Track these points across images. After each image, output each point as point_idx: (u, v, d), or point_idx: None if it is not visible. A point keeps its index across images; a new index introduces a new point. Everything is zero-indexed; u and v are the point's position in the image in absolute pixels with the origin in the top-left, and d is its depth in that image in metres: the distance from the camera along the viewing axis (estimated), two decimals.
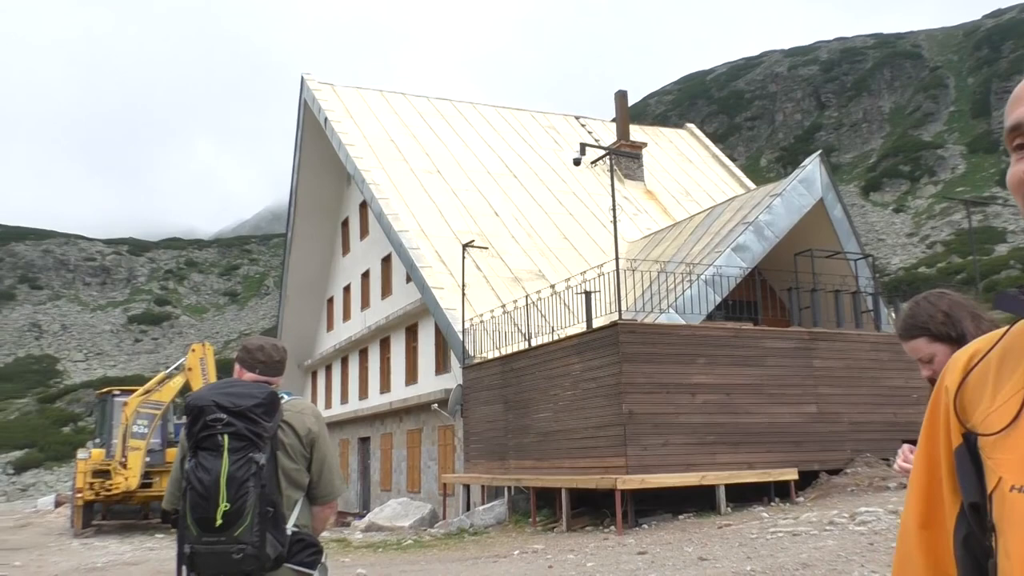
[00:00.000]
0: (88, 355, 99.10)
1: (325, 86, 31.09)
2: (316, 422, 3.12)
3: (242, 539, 2.75)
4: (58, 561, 15.29)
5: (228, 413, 2.84)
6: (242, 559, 2.76)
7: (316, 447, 3.08)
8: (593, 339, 14.41)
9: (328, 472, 3.10)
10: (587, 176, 28.62)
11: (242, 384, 3.04)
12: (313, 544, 3.03)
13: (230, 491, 2.76)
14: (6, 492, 60.05)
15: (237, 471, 2.78)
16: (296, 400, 3.17)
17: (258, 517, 2.77)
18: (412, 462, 23.54)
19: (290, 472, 3.00)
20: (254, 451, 2.82)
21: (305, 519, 3.05)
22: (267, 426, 2.88)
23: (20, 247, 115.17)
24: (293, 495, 3.01)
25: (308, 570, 2.99)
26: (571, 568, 10.08)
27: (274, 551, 2.82)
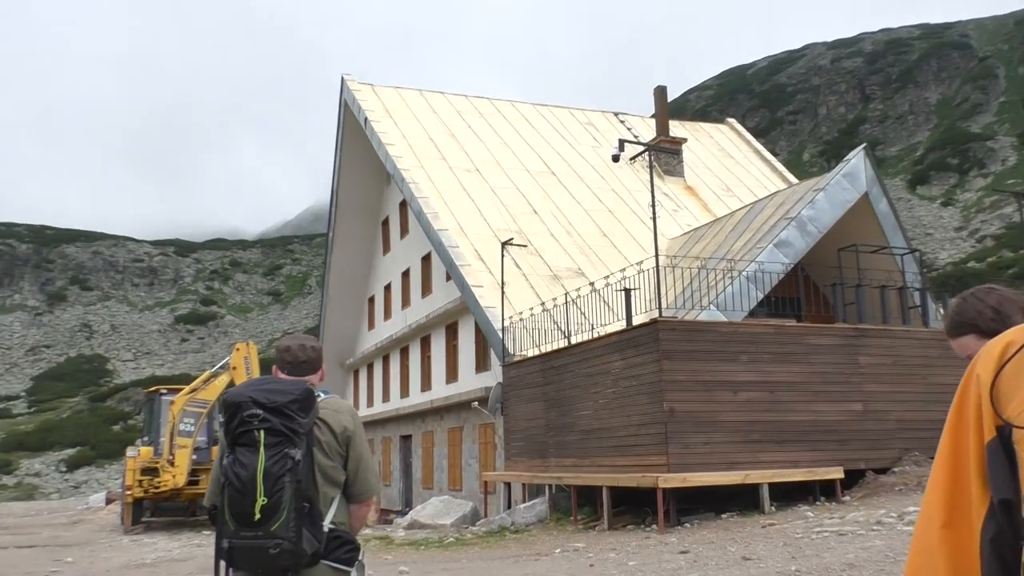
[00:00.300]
0: (137, 354, 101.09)
1: (365, 86, 31.32)
2: (352, 420, 3.12)
3: (278, 534, 2.76)
4: (109, 557, 15.61)
5: (264, 409, 2.86)
6: (278, 554, 2.78)
7: (352, 445, 3.08)
8: (633, 336, 14.32)
9: (364, 470, 3.11)
10: (626, 173, 28.46)
11: (278, 381, 3.07)
12: (350, 541, 3.03)
13: (266, 486, 2.78)
14: (59, 489, 61.48)
15: (273, 466, 2.79)
16: (332, 398, 3.17)
17: (294, 512, 2.78)
18: (453, 460, 23.62)
19: (326, 469, 3.01)
20: (290, 447, 2.83)
21: (342, 517, 3.05)
22: (302, 422, 2.89)
23: (71, 249, 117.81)
24: (330, 492, 3.02)
25: (345, 567, 2.99)
26: (613, 567, 10.03)
27: (311, 547, 2.83)
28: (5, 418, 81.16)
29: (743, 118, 66.92)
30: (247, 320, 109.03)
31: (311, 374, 3.27)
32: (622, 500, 14.45)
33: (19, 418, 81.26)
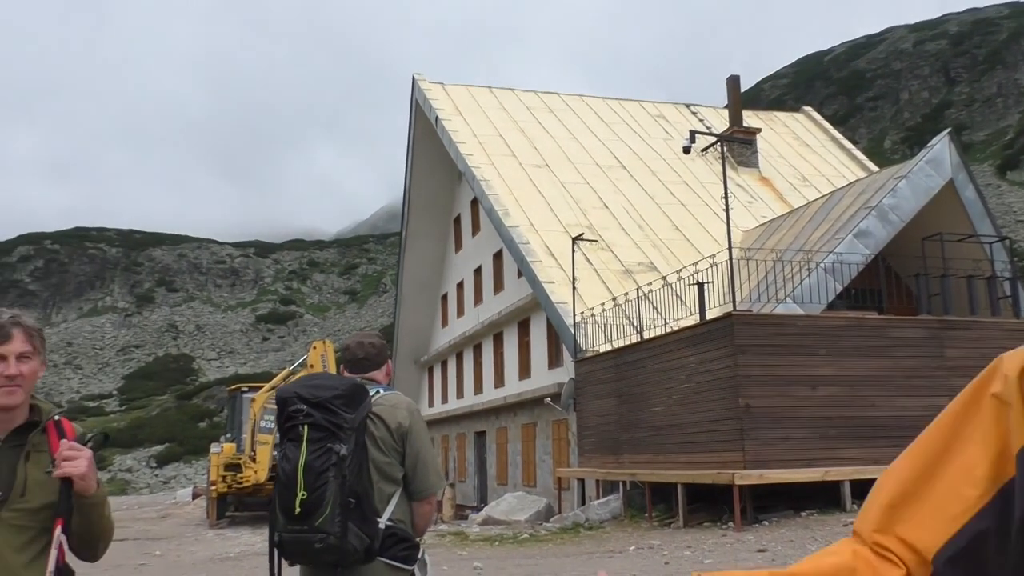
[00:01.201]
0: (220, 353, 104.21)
1: (435, 86, 31.56)
2: (408, 416, 3.09)
3: (323, 528, 2.77)
4: (194, 551, 16.11)
5: (308, 404, 2.88)
6: (323, 549, 2.79)
7: (409, 441, 3.06)
8: (707, 331, 14.08)
9: (423, 467, 3.08)
10: (699, 165, 28.03)
11: (326, 377, 3.09)
12: (406, 539, 3.00)
13: (307, 480, 2.79)
14: (149, 484, 63.80)
15: (315, 461, 2.81)
16: (391, 394, 3.16)
17: (339, 508, 2.78)
18: (527, 456, 23.64)
19: (381, 465, 3.00)
20: (334, 442, 2.84)
21: (401, 514, 3.03)
22: (347, 417, 2.89)
23: (157, 252, 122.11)
24: (386, 489, 3.00)
25: (402, 565, 2.97)
26: (688, 565, 9.87)
27: (360, 543, 2.82)
28: (98, 416, 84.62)
29: (820, 106, 65.19)
30: (325, 319, 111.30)
31: (372, 371, 3.28)
32: (698, 497, 14.23)
33: (111, 415, 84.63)
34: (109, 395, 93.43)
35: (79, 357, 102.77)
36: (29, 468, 2.41)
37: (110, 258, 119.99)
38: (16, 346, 2.40)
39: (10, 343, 2.40)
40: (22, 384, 2.40)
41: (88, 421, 79.85)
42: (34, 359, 2.44)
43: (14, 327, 2.42)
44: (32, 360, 2.43)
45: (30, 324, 2.47)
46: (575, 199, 25.25)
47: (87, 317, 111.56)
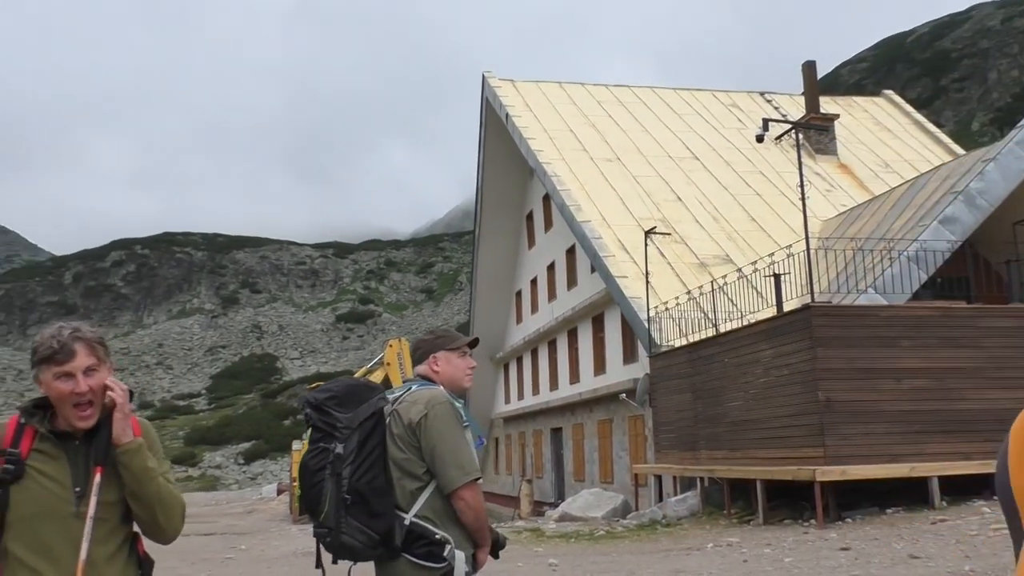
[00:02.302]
0: (303, 353, 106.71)
1: (505, 82, 31.63)
2: (423, 411, 3.05)
3: (325, 524, 2.91)
4: (278, 545, 16.51)
5: (310, 407, 3.04)
6: (328, 544, 2.94)
7: (423, 436, 3.03)
8: (784, 323, 13.75)
9: (440, 462, 3.01)
10: (774, 154, 27.38)
11: (338, 380, 3.21)
12: (425, 536, 2.98)
13: (303, 479, 2.98)
14: (238, 480, 65.72)
15: (310, 460, 2.96)
16: (420, 390, 3.16)
17: (335, 504, 2.89)
18: (603, 452, 23.52)
19: (400, 462, 3.04)
20: (329, 441, 2.96)
21: (430, 511, 3.01)
22: (341, 417, 2.98)
23: (241, 255, 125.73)
24: (408, 485, 3.02)
25: (425, 563, 2.97)
26: (768, 563, 9.67)
27: (367, 539, 2.89)
28: (188, 414, 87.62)
29: (902, 89, 62.99)
30: (402, 318, 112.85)
31: (420, 364, 3.35)
32: (777, 493, 13.92)
33: (200, 414, 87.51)
34: (198, 394, 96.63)
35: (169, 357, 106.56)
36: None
37: (196, 261, 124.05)
38: (81, 361, 2.44)
39: (75, 360, 2.44)
40: (93, 399, 2.45)
41: (179, 419, 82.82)
42: (100, 370, 2.49)
43: (76, 342, 2.45)
44: (99, 371, 2.48)
45: (91, 336, 2.51)
46: (647, 192, 24.99)
47: (176, 319, 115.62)
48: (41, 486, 2.41)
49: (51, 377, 2.43)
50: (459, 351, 3.36)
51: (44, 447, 2.45)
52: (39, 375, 2.47)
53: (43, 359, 2.45)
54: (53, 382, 2.43)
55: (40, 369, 2.47)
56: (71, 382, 2.43)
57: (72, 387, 2.43)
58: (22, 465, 2.41)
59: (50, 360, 2.43)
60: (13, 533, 2.40)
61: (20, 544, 2.40)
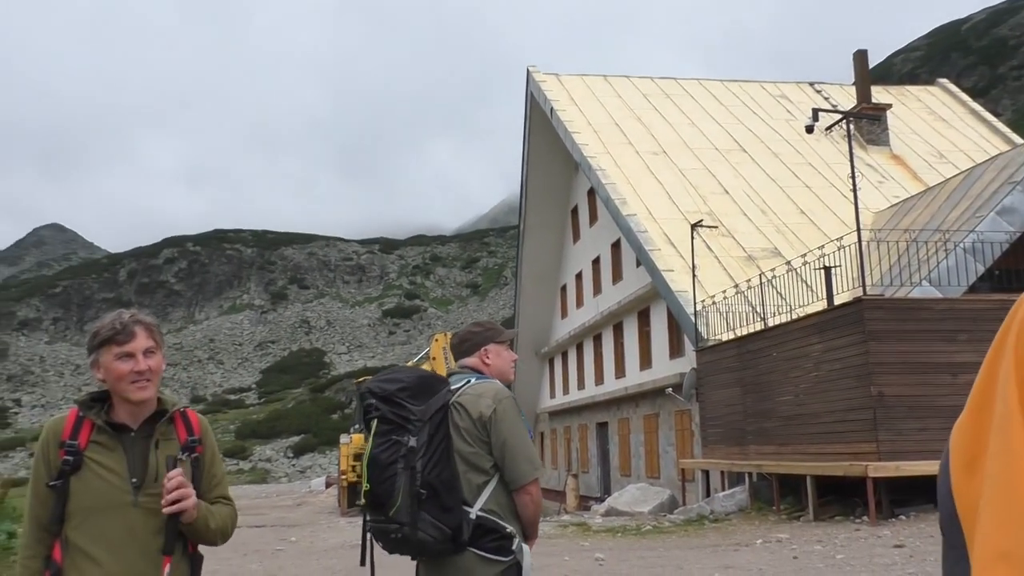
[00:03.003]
0: (350, 347, 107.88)
1: (550, 77, 31.55)
2: (492, 405, 3.02)
3: (396, 519, 2.82)
4: (327, 538, 16.71)
5: (376, 398, 2.94)
6: (399, 539, 2.84)
7: (493, 430, 3.00)
8: (835, 317, 13.51)
9: (511, 456, 3.00)
10: (824, 146, 26.92)
11: (399, 370, 3.13)
12: (495, 530, 2.95)
13: (371, 472, 2.87)
14: (287, 473, 66.68)
15: (381, 453, 2.86)
16: (480, 383, 3.12)
17: (409, 498, 2.80)
18: (650, 447, 23.37)
19: (467, 456, 2.98)
20: (401, 434, 2.88)
21: (495, 504, 2.98)
22: (414, 409, 2.91)
23: (289, 251, 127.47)
24: (474, 479, 2.97)
25: (493, 556, 2.93)
26: (818, 560, 9.52)
27: (439, 533, 2.82)
28: (239, 408, 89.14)
29: (957, 78, 61.45)
30: (448, 312, 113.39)
31: (464, 358, 3.29)
32: (828, 490, 13.70)
33: (251, 408, 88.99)
34: (248, 388, 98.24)
35: (221, 352, 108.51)
36: (160, 455, 2.55)
37: (246, 258, 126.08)
38: (141, 343, 2.53)
39: (135, 341, 2.53)
40: (151, 378, 2.53)
41: (230, 413, 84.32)
42: (157, 353, 2.58)
43: (136, 325, 2.55)
44: (156, 354, 2.57)
45: (149, 321, 2.61)
46: (694, 185, 24.73)
47: (227, 315, 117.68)
48: (99, 477, 2.47)
49: (112, 358, 2.50)
50: (506, 344, 3.35)
51: (101, 439, 2.51)
52: (99, 358, 2.54)
53: (104, 340, 2.52)
54: (114, 362, 2.50)
55: (100, 352, 2.53)
56: (131, 361, 2.50)
57: (132, 366, 2.50)
58: (81, 456, 2.48)
59: (111, 341, 2.51)
60: (74, 523, 2.47)
61: (80, 533, 2.46)
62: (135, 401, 2.53)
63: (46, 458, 2.50)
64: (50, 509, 2.47)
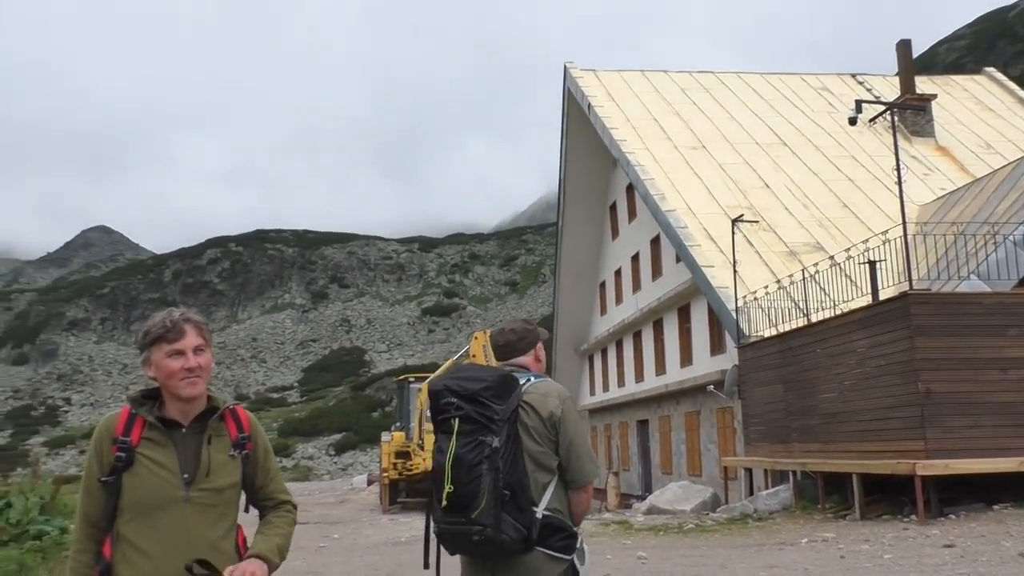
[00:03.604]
0: (390, 346, 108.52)
1: (587, 73, 31.44)
2: (560, 404, 3.03)
3: (479, 521, 2.75)
4: (369, 535, 16.85)
5: (458, 397, 2.86)
6: (480, 541, 2.77)
7: (561, 430, 2.99)
8: (880, 312, 13.28)
9: (576, 455, 3.01)
10: (867, 138, 26.49)
11: (475, 368, 3.05)
12: (563, 528, 2.95)
13: (456, 473, 2.77)
14: (329, 471, 67.30)
15: (466, 454, 2.78)
16: (542, 382, 3.10)
17: (494, 500, 2.75)
18: (691, 445, 23.20)
19: (536, 455, 2.94)
20: (485, 434, 2.80)
21: (558, 503, 2.98)
22: (498, 409, 2.85)
23: (329, 250, 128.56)
24: (541, 478, 2.95)
25: (560, 555, 2.92)
26: (866, 559, 9.37)
27: (517, 534, 2.79)
28: (281, 406, 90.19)
29: (1005, 67, 60.01)
30: (487, 310, 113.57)
31: (516, 357, 3.23)
32: (874, 488, 13.47)
33: (293, 406, 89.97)
34: (291, 387, 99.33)
35: (263, 351, 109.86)
36: (212, 451, 2.59)
37: (287, 258, 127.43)
38: (191, 340, 2.58)
39: (185, 338, 2.58)
40: (201, 375, 2.58)
41: (273, 411, 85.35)
42: (207, 351, 2.62)
43: (185, 323, 2.60)
44: (205, 352, 2.62)
45: (198, 319, 2.66)
46: (734, 180, 24.49)
47: (269, 314, 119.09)
48: (152, 472, 2.51)
49: (163, 356, 2.55)
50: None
51: (153, 435, 2.56)
52: (150, 356, 2.58)
53: (156, 338, 2.57)
54: (164, 360, 2.55)
55: (151, 350, 2.58)
56: (182, 359, 2.55)
57: (183, 363, 2.54)
58: (133, 453, 2.52)
59: (162, 339, 2.56)
60: (125, 518, 2.51)
61: (132, 528, 2.50)
62: (186, 398, 2.57)
63: (99, 454, 2.55)
64: (102, 505, 2.52)
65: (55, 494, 8.94)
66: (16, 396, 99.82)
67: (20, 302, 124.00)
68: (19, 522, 8.04)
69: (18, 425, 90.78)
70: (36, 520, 8.17)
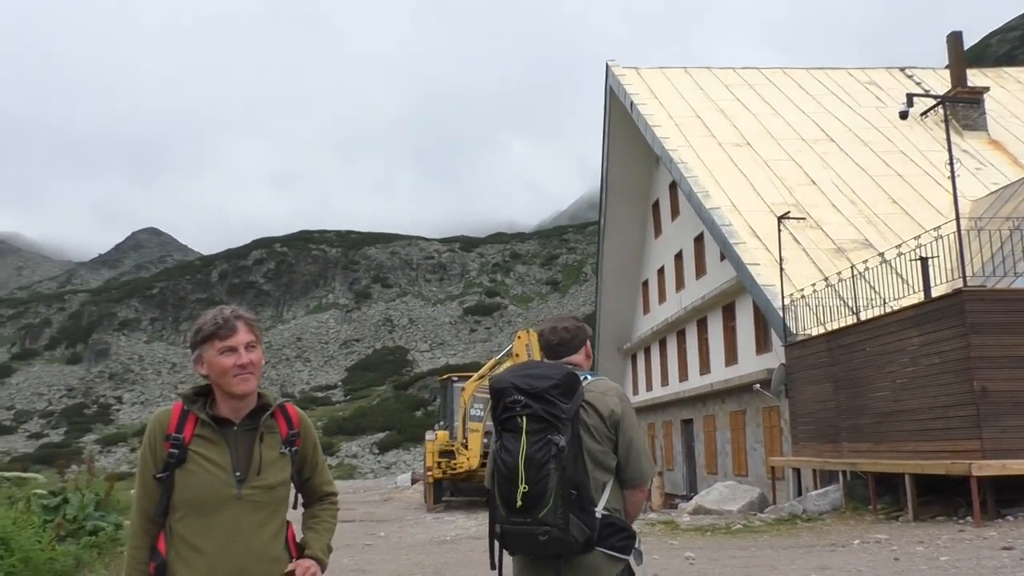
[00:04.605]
0: (432, 345, 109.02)
1: (629, 71, 31.27)
2: (619, 403, 2.98)
3: (546, 521, 2.71)
4: (415, 533, 16.90)
5: (525, 395, 2.80)
6: (548, 541, 2.72)
7: (621, 428, 2.95)
8: (933, 309, 12.99)
9: (635, 454, 2.97)
10: (917, 132, 25.95)
11: (541, 366, 2.99)
12: (624, 528, 2.91)
13: (529, 473, 2.72)
14: (373, 469, 67.84)
15: (536, 453, 2.73)
16: (599, 381, 3.06)
17: (561, 499, 2.71)
18: (737, 444, 22.94)
19: (595, 454, 2.90)
20: (553, 433, 2.75)
21: (615, 503, 2.95)
22: (564, 407, 2.80)
23: (372, 251, 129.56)
24: (601, 478, 2.91)
25: (620, 555, 2.88)
26: (921, 561, 9.17)
27: (581, 534, 2.75)
28: (326, 405, 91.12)
29: None
30: (528, 309, 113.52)
31: (570, 355, 3.17)
32: (928, 489, 13.19)
33: (337, 405, 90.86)
34: (334, 386, 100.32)
35: (308, 351, 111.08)
36: (264, 449, 2.59)
37: (331, 258, 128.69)
38: (242, 337, 2.59)
39: (237, 335, 2.58)
40: (253, 371, 2.59)
41: (317, 410, 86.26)
42: (258, 348, 2.63)
43: (237, 320, 2.61)
44: (257, 349, 2.62)
45: (249, 316, 2.67)
46: (779, 177, 24.16)
47: (313, 314, 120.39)
48: (204, 470, 2.52)
49: (215, 352, 2.56)
50: None
51: (205, 432, 2.56)
52: (202, 353, 2.59)
53: (208, 336, 2.58)
54: (217, 357, 2.56)
55: (204, 347, 2.59)
56: (234, 355, 2.56)
57: (235, 360, 2.55)
58: (185, 450, 2.53)
59: (214, 336, 2.57)
60: (178, 515, 2.52)
61: (185, 525, 2.51)
62: (239, 394, 2.58)
63: (153, 451, 2.56)
64: (156, 501, 2.53)
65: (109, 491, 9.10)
66: (70, 394, 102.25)
67: (73, 303, 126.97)
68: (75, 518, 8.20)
69: (72, 423, 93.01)
70: (92, 516, 8.32)
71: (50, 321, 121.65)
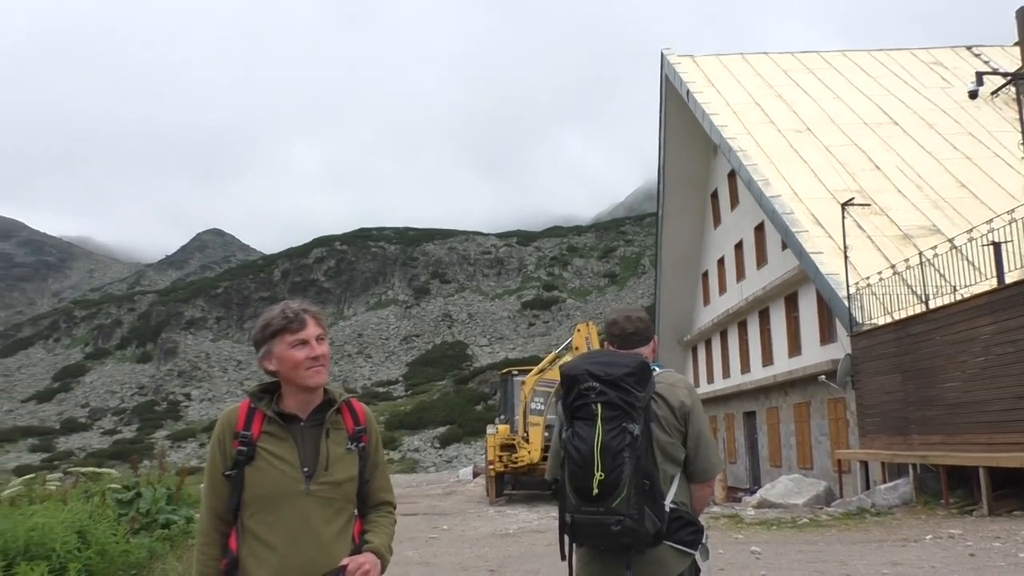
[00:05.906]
0: (491, 340, 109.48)
1: (685, 59, 30.90)
2: (689, 395, 2.95)
3: (619, 511, 2.65)
4: (477, 527, 16.99)
5: (600, 382, 2.75)
6: (620, 531, 2.67)
7: (691, 421, 2.91)
8: (1007, 296, 12.56)
9: (705, 447, 2.93)
10: (985, 113, 25.12)
11: (614, 354, 2.95)
12: (693, 523, 2.86)
13: (604, 460, 2.66)
14: (435, 463, 68.43)
15: (611, 440, 2.68)
16: (668, 372, 3.03)
17: (635, 489, 2.66)
18: (801, 437, 22.53)
19: (665, 446, 2.86)
20: (628, 421, 2.69)
21: (683, 496, 2.90)
22: (639, 396, 2.75)
23: (430, 247, 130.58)
24: (669, 470, 2.87)
25: (687, 549, 2.84)
26: (999, 558, 8.88)
27: (653, 526, 2.70)
28: (387, 400, 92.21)
29: None
30: (586, 303, 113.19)
31: (641, 346, 3.12)
32: (1003, 482, 12.77)
33: (398, 400, 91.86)
34: (395, 381, 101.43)
35: (368, 347, 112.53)
36: (330, 444, 2.60)
37: (390, 255, 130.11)
38: (312, 330, 2.60)
39: (307, 328, 2.60)
40: (324, 364, 2.61)
41: (379, 405, 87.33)
42: (326, 340, 2.64)
43: (305, 313, 2.62)
44: (325, 341, 2.64)
45: (316, 310, 2.68)
46: (842, 162, 23.61)
47: (373, 310, 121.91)
48: (272, 466, 2.53)
49: (286, 347, 2.57)
50: None
51: (272, 429, 2.58)
52: (271, 348, 2.60)
53: (278, 330, 2.59)
54: (288, 351, 2.57)
55: (273, 343, 2.60)
56: (306, 348, 2.56)
57: (308, 352, 2.56)
58: (254, 447, 2.54)
59: (285, 330, 2.58)
60: (250, 511, 2.54)
61: (256, 522, 2.54)
62: (312, 386, 2.59)
63: (222, 448, 2.58)
64: (226, 498, 2.55)
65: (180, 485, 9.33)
66: (141, 392, 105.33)
67: (142, 303, 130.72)
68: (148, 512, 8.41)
69: (144, 420, 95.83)
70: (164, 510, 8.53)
71: (121, 321, 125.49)
